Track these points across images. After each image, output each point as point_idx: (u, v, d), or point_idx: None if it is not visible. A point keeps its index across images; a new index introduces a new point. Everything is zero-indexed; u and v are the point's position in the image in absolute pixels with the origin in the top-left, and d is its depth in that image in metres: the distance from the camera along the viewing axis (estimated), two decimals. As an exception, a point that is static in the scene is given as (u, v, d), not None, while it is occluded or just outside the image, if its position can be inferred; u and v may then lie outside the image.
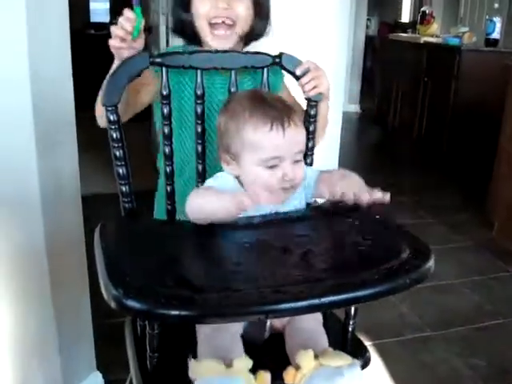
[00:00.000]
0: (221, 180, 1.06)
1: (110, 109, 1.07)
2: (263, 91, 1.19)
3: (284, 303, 0.79)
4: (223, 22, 1.19)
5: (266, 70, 1.21)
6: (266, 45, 2.28)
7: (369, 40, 7.47)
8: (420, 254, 0.94)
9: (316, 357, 0.92)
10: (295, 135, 1.03)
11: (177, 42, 3.58)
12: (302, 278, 0.85)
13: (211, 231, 0.97)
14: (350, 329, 1.12)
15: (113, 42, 1.07)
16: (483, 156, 3.90)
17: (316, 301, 0.79)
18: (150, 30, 4.34)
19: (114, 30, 1.06)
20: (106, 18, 6.58)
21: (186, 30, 1.26)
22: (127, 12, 1.05)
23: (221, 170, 1.09)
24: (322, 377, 0.89)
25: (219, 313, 0.78)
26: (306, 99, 1.22)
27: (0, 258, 1.56)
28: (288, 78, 1.25)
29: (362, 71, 7.00)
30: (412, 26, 6.59)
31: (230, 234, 0.96)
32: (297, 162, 1.04)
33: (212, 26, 1.20)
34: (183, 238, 0.93)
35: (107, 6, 6.65)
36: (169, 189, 1.17)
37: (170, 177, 1.18)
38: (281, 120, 1.01)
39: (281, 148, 1.01)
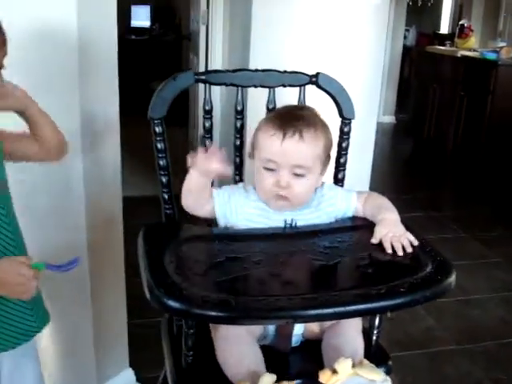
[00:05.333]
0: (232, 188, 1.18)
1: (156, 122, 1.16)
2: (307, 108, 1.22)
3: (311, 309, 0.85)
4: None
5: (302, 88, 1.27)
6: (304, 56, 2.36)
7: (406, 50, 7.45)
8: (442, 269, 0.98)
9: (353, 366, 0.97)
10: (295, 148, 1.09)
11: (217, 59, 3.65)
12: (330, 287, 0.92)
13: (246, 238, 1.04)
14: (374, 338, 1.18)
15: None
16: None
17: (341, 309, 0.86)
18: (189, 38, 4.46)
19: None
20: (147, 23, 6.73)
21: None
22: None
23: None
24: None
25: (251, 315, 0.85)
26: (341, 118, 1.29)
27: (43, 256, 1.65)
28: (323, 98, 1.30)
29: (399, 82, 6.99)
30: (450, 37, 6.55)
31: (263, 243, 1.02)
32: (297, 176, 1.11)
33: None
34: (220, 244, 1.01)
35: (148, 10, 6.74)
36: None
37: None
38: (284, 130, 1.09)
39: (275, 153, 1.09)
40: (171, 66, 6.01)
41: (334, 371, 0.97)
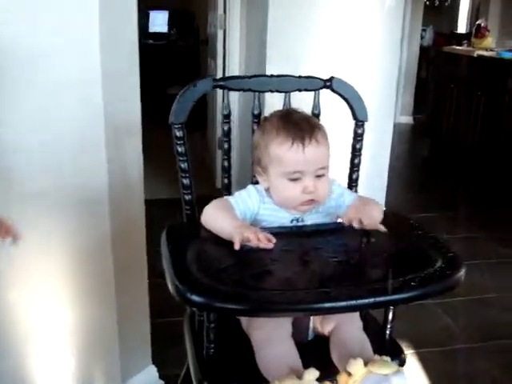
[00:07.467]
0: (246, 193, 1.20)
1: (177, 126, 1.22)
2: (295, 111, 1.24)
3: (326, 302, 0.90)
4: None
5: (317, 92, 1.32)
6: (320, 59, 2.40)
7: (423, 50, 7.45)
8: (452, 264, 1.02)
9: (365, 364, 1.01)
10: (316, 152, 1.13)
11: (234, 63, 3.69)
12: (343, 282, 0.96)
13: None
14: (388, 332, 1.22)
15: None
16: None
17: (353, 302, 0.90)
18: (207, 42, 4.52)
19: None
20: (165, 28, 6.81)
21: None
22: None
23: None
24: (372, 383, 0.98)
25: (269, 308, 0.90)
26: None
27: (69, 255, 1.71)
28: (338, 102, 1.35)
29: (416, 82, 6.99)
30: (467, 37, 6.54)
31: (280, 242, 1.06)
32: (319, 176, 1.15)
33: None
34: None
35: (166, 15, 6.82)
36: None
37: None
38: (301, 138, 1.12)
39: (301, 163, 1.13)
40: (189, 71, 6.08)
41: (349, 374, 1.00)
